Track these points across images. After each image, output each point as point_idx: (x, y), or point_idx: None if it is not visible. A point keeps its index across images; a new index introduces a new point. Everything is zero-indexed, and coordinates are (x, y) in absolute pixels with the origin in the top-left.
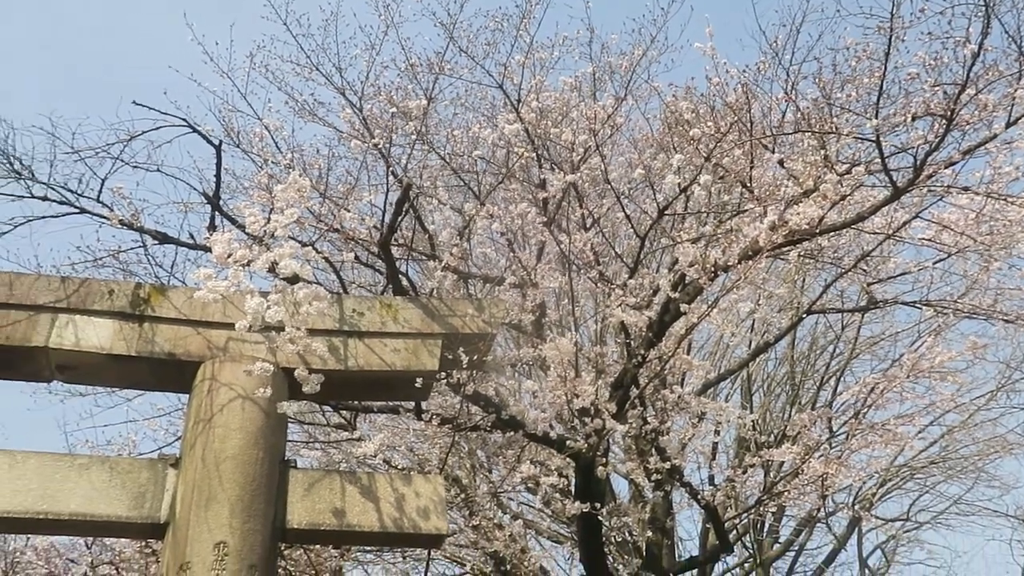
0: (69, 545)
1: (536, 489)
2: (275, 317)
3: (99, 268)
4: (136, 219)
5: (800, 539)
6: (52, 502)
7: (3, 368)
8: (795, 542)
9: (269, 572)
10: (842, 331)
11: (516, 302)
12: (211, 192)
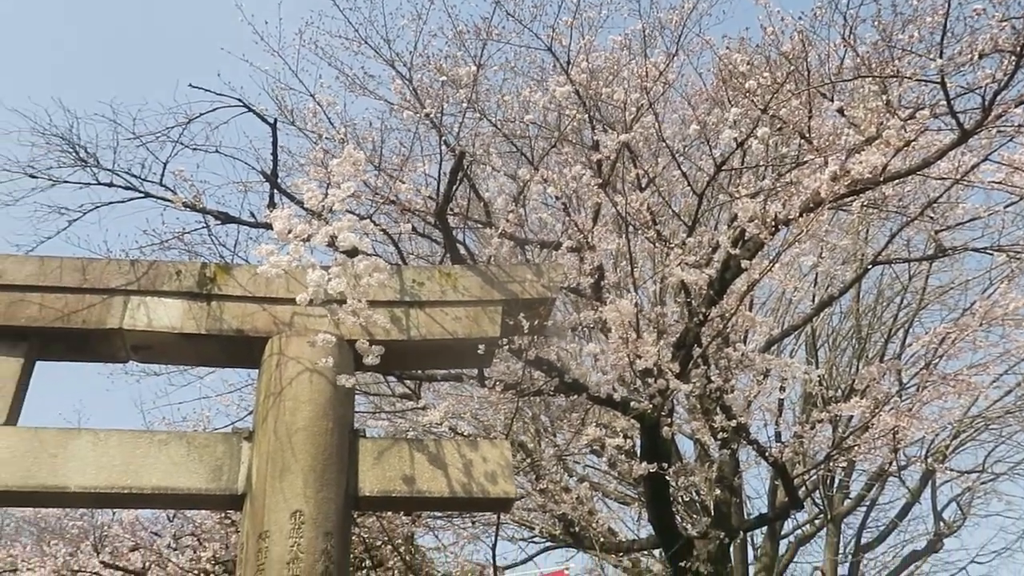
0: (152, 518)
1: (601, 452)
2: (336, 290)
3: (165, 250)
4: (198, 200)
5: (871, 494)
6: (135, 477)
7: (82, 351)
8: (866, 497)
9: (344, 539)
10: (909, 281)
11: (574, 266)
12: (269, 170)
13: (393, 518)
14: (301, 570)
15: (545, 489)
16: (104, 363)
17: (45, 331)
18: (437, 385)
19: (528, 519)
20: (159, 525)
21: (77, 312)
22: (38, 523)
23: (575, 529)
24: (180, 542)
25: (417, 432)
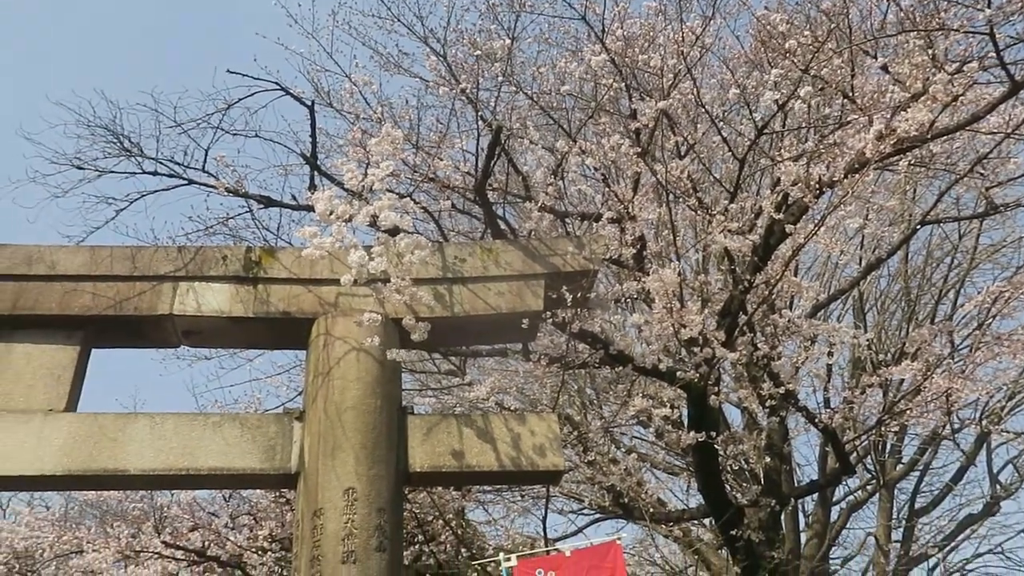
0: (209, 499)
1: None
2: (379, 268)
3: (211, 236)
4: (240, 186)
5: (925, 458)
6: (191, 459)
7: (135, 337)
8: (919, 462)
9: (397, 515)
10: (959, 240)
11: (615, 237)
12: (308, 152)
13: (444, 493)
14: (356, 546)
15: (593, 461)
16: (157, 348)
17: (99, 319)
18: (482, 361)
19: (577, 491)
20: (216, 505)
21: (129, 299)
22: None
23: (624, 500)
24: (237, 521)
25: (464, 408)
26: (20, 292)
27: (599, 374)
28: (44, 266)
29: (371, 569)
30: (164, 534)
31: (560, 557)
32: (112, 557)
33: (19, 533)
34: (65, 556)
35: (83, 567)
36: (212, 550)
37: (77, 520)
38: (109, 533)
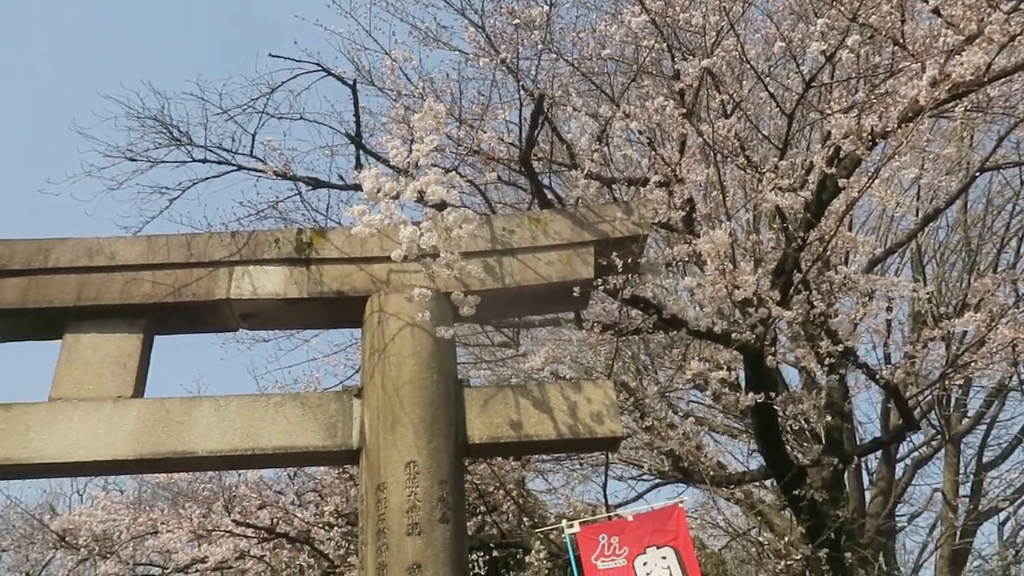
0: (274, 478)
1: (705, 386)
2: (428, 243)
3: (262, 220)
4: (288, 169)
5: (991, 411)
6: (256, 439)
7: (195, 322)
8: (986, 414)
9: (458, 486)
10: (1021, 187)
11: (663, 200)
12: (352, 132)
13: (503, 464)
14: (420, 518)
15: (651, 427)
16: (216, 333)
17: (159, 307)
18: (535, 331)
19: (636, 457)
20: (282, 484)
21: (187, 286)
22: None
23: (684, 464)
24: (303, 498)
25: (519, 379)
26: (83, 284)
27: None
28: (104, 257)
29: (436, 540)
30: (234, 513)
31: (623, 522)
32: (186, 537)
33: (97, 517)
34: (141, 537)
35: (158, 547)
36: (280, 527)
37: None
38: (181, 514)
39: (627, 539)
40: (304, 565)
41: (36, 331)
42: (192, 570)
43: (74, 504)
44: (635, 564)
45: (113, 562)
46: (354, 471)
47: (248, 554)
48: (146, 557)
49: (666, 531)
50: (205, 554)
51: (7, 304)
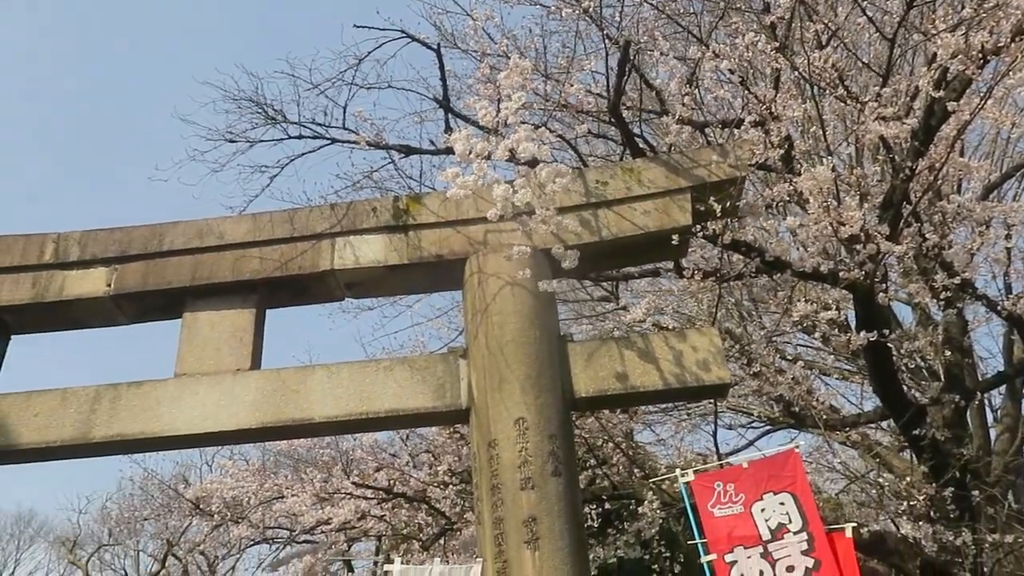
0: (388, 441)
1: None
2: (522, 201)
3: (358, 190)
4: (380, 138)
5: None
6: (368, 403)
7: (302, 294)
8: None
9: (568, 440)
10: None
11: (760, 140)
12: (440, 96)
13: (611, 417)
14: (532, 472)
15: (758, 373)
16: (323, 303)
17: (268, 281)
18: (633, 284)
19: (744, 405)
20: (395, 447)
21: (292, 260)
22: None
23: (795, 409)
24: (417, 459)
25: (622, 332)
26: (197, 264)
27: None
28: (214, 237)
29: (549, 493)
30: (352, 476)
31: (737, 469)
32: (309, 500)
33: (227, 484)
34: (269, 502)
35: (285, 510)
36: (397, 487)
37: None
38: (304, 478)
39: (743, 486)
40: (422, 523)
41: (158, 312)
42: (317, 531)
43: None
44: (752, 510)
45: (244, 526)
46: (464, 430)
47: (369, 514)
48: (274, 520)
49: (782, 476)
50: (329, 516)
51: (130, 288)
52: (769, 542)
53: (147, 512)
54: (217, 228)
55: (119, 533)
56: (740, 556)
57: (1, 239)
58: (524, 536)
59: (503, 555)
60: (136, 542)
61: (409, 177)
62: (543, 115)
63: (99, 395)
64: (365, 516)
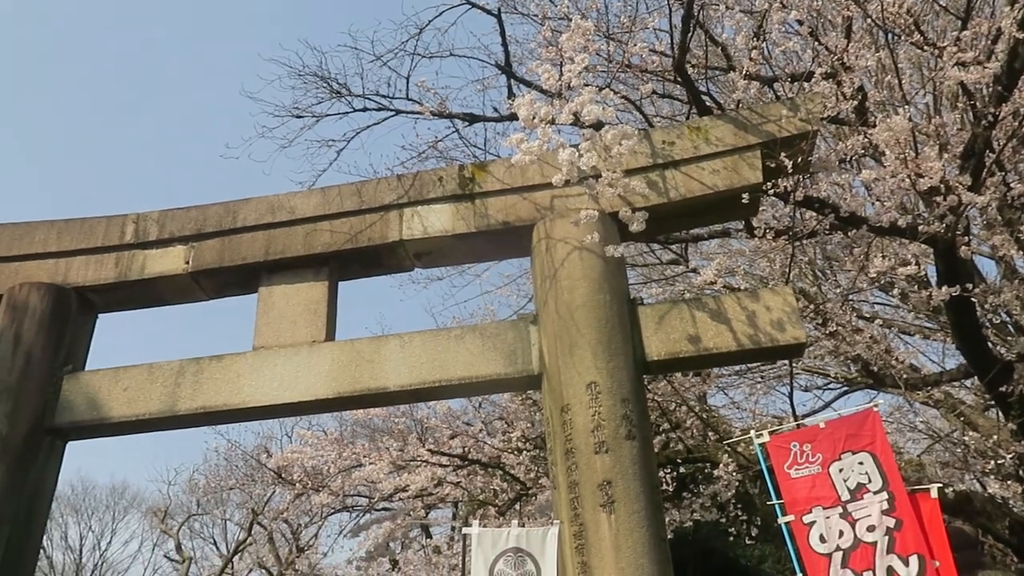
0: (460, 410)
1: (890, 286)
2: (588, 164)
3: (423, 161)
4: (443, 107)
5: None
6: (441, 371)
7: (373, 265)
8: None
9: (640, 404)
10: None
11: (831, 92)
12: (502, 62)
13: (683, 380)
14: (606, 436)
15: (834, 333)
16: (393, 274)
17: (339, 254)
18: (703, 246)
19: (820, 366)
20: (468, 414)
21: (362, 232)
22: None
23: (873, 369)
24: (490, 426)
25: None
26: (270, 239)
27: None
28: (285, 212)
29: (624, 457)
30: (428, 444)
31: (814, 429)
32: (386, 468)
33: (307, 454)
34: (348, 471)
35: (363, 478)
36: (472, 454)
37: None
38: (380, 447)
39: (820, 446)
40: (498, 489)
41: (235, 287)
42: (395, 498)
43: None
44: (830, 470)
45: (325, 494)
46: (536, 396)
47: (445, 481)
48: (353, 488)
49: (861, 436)
50: (406, 483)
51: (207, 264)
52: (848, 502)
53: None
54: (288, 203)
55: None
56: (819, 516)
57: (84, 222)
58: (600, 499)
59: (579, 518)
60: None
61: (473, 145)
62: (607, 77)
63: (183, 369)
64: (441, 483)
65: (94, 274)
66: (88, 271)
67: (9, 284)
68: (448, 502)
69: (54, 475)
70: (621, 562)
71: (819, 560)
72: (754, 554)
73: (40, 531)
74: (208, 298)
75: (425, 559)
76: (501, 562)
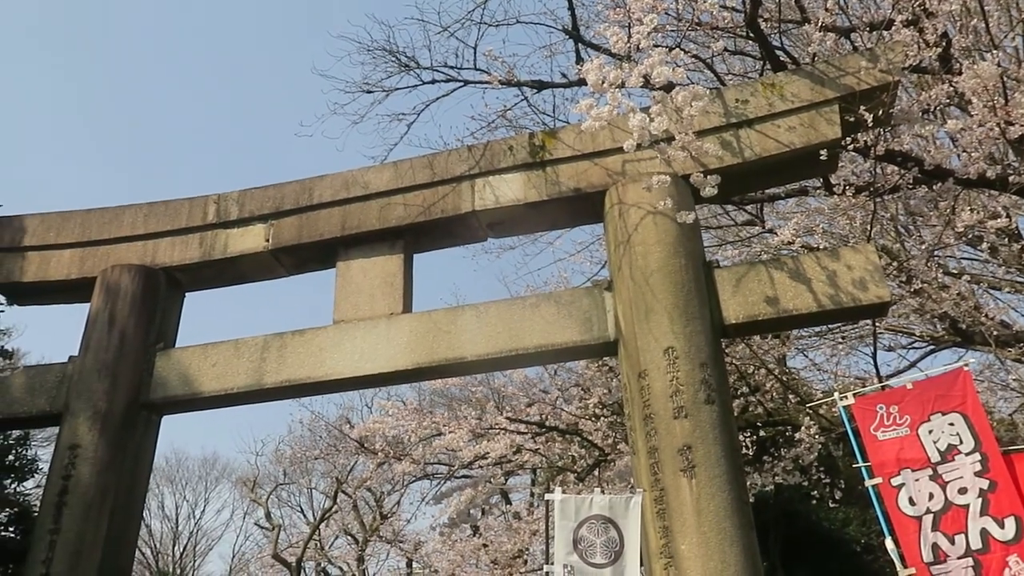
0: (536, 378)
1: (978, 240)
2: (660, 127)
3: (493, 131)
4: (511, 76)
5: None
6: (517, 340)
7: (446, 237)
8: None
9: (719, 368)
10: None
11: (913, 40)
12: (569, 27)
13: (762, 343)
14: (685, 401)
15: (919, 290)
16: (466, 244)
17: (413, 227)
18: (779, 205)
19: (904, 325)
20: (545, 382)
21: (435, 204)
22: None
23: (962, 326)
24: (567, 393)
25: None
26: (345, 215)
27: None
28: (359, 187)
29: (703, 421)
30: (505, 412)
31: (901, 390)
32: (466, 436)
33: (388, 424)
34: (428, 439)
35: (443, 446)
36: (549, 421)
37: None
38: (459, 416)
39: (907, 407)
40: (576, 455)
41: (314, 263)
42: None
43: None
44: (919, 432)
45: (407, 463)
46: (613, 363)
47: (523, 448)
48: (434, 456)
49: (951, 396)
50: (485, 450)
51: (286, 241)
52: (939, 464)
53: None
54: (362, 178)
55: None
56: (907, 479)
57: (168, 204)
58: (680, 464)
59: (659, 483)
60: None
61: (543, 113)
62: (676, 36)
63: (267, 344)
64: (520, 450)
65: (180, 254)
66: (174, 251)
67: (102, 267)
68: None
69: (151, 448)
70: (703, 526)
71: (909, 523)
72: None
73: (141, 501)
74: (288, 274)
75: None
76: (584, 528)
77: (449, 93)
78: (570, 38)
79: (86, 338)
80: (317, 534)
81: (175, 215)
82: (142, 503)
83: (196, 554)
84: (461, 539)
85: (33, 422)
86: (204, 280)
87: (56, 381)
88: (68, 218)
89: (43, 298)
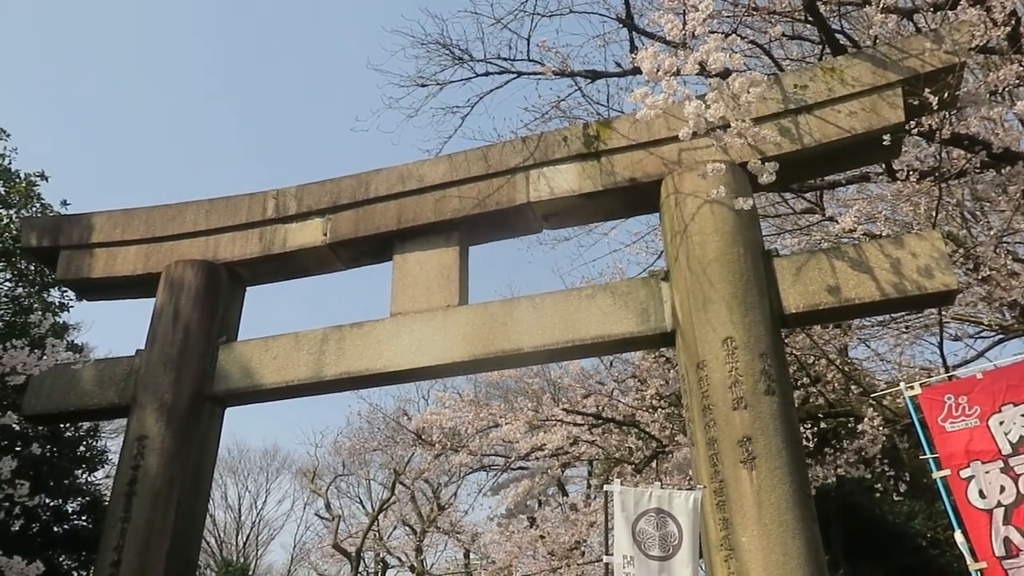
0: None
1: None
2: (716, 115)
3: (547, 122)
4: (565, 66)
5: None
6: (573, 331)
7: (501, 229)
8: None
9: (779, 358)
10: None
11: (980, 20)
12: (623, 15)
13: (823, 333)
14: (744, 392)
15: (987, 278)
16: (521, 236)
17: (468, 219)
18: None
19: (971, 313)
20: (601, 373)
21: (489, 196)
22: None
23: None
24: (623, 385)
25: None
26: (401, 208)
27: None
28: (415, 181)
29: (763, 412)
30: (561, 403)
31: (971, 380)
32: (522, 428)
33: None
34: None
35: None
36: (606, 413)
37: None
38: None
39: (977, 397)
40: (633, 447)
41: (371, 256)
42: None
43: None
44: (989, 423)
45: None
46: (670, 354)
47: (580, 439)
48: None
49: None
50: (542, 442)
51: (344, 235)
52: (1010, 456)
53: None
54: (417, 172)
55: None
56: (977, 471)
57: (228, 200)
58: (740, 456)
59: (719, 475)
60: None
61: (597, 103)
62: (732, 22)
63: (326, 336)
64: (576, 441)
65: (241, 249)
66: (235, 247)
67: (166, 263)
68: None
69: (216, 439)
70: (764, 518)
71: (979, 516)
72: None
73: (206, 491)
74: (345, 268)
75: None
76: (643, 521)
77: (503, 85)
78: (624, 27)
79: (152, 332)
80: (376, 525)
81: (235, 211)
82: (207, 493)
83: (258, 543)
84: (518, 530)
85: (103, 414)
86: (264, 274)
87: (124, 374)
88: (133, 215)
89: (110, 293)
